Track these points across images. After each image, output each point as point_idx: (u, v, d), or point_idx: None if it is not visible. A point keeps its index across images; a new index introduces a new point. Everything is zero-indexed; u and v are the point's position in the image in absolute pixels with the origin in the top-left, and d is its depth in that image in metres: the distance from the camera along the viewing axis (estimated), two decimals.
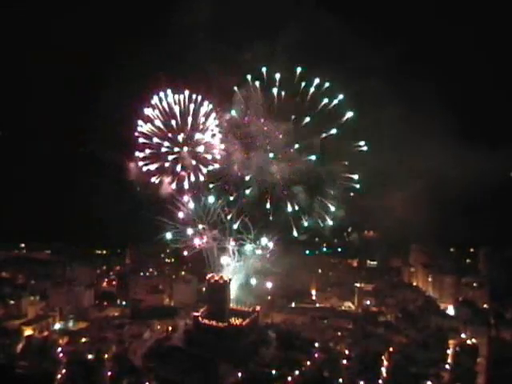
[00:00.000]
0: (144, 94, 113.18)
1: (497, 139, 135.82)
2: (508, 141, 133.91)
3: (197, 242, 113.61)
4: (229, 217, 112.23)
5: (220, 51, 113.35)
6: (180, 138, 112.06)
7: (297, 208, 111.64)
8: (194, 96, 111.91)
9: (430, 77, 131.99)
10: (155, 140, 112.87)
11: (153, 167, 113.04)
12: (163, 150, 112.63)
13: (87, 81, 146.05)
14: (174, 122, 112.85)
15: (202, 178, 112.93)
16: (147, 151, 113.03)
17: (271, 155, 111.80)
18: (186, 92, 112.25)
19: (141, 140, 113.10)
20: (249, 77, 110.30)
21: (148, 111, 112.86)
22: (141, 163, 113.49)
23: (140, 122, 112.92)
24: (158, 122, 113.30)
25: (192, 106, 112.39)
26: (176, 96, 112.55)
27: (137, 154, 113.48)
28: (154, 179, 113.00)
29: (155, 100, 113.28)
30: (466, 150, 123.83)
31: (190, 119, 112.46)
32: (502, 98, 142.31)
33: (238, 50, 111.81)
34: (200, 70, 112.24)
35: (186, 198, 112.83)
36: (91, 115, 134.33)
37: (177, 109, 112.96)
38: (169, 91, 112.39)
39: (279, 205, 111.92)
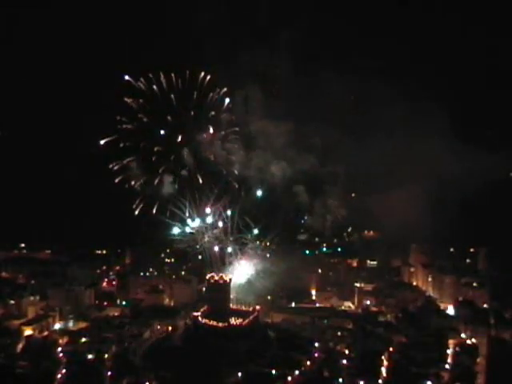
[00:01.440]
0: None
1: (497, 140, 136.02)
2: (508, 141, 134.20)
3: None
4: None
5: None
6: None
7: (298, 208, 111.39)
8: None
9: (431, 77, 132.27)
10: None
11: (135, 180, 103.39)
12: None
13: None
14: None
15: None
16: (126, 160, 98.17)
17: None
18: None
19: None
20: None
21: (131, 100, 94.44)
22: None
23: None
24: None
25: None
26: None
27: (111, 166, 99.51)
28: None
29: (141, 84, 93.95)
30: (466, 150, 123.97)
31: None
32: (503, 98, 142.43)
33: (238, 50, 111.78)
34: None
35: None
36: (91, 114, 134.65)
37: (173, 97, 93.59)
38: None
39: (280, 204, 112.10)
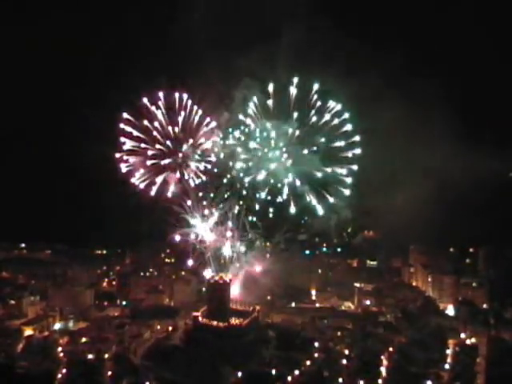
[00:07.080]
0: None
1: (497, 140, 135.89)
2: (508, 141, 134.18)
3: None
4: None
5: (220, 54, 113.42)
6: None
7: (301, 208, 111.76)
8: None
9: (434, 77, 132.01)
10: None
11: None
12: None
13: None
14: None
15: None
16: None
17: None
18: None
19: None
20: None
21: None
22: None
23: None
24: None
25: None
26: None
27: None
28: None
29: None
30: (467, 150, 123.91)
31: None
32: (504, 98, 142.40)
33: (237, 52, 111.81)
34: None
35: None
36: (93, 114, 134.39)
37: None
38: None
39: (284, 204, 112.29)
